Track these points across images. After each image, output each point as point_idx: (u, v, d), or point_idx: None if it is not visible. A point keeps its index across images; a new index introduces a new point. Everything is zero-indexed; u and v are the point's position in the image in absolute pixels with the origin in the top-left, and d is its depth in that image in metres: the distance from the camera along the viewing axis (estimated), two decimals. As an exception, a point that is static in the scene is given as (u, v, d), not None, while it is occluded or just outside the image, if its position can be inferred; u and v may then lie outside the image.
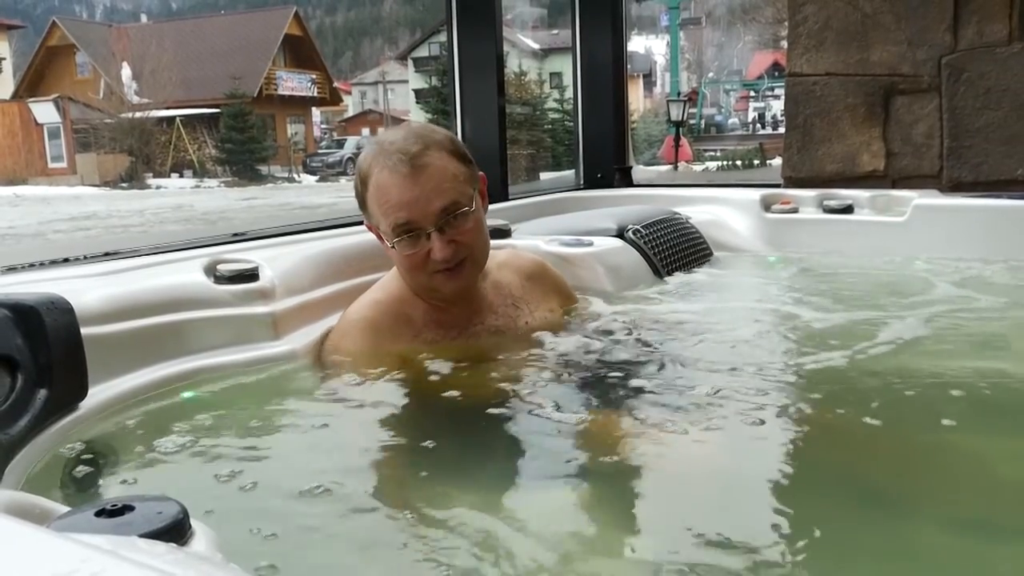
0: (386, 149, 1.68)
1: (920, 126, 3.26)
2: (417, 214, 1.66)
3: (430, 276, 1.72)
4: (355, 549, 1.04)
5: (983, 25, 3.14)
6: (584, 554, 1.05)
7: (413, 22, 67.40)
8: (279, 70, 33.06)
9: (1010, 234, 2.77)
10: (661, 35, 35.97)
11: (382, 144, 1.71)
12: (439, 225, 1.67)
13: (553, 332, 1.88)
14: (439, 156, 1.68)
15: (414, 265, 1.71)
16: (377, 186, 1.68)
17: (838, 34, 3.36)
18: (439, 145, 1.70)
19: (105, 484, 1.19)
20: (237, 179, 26.51)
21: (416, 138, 1.69)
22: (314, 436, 1.40)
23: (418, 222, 1.66)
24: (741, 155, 19.89)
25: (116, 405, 1.42)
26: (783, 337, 2.00)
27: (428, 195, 1.65)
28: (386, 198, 1.67)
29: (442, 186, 1.66)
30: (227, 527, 1.02)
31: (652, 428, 1.41)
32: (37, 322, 1.27)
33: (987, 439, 1.37)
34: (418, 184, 1.65)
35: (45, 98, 27.48)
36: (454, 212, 1.67)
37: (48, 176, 25.63)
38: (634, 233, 2.61)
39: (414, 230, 1.67)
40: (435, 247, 1.67)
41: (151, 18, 46.86)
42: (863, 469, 1.28)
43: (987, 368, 1.74)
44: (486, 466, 1.29)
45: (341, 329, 1.78)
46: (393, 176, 1.65)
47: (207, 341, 1.66)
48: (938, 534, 1.09)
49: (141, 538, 0.73)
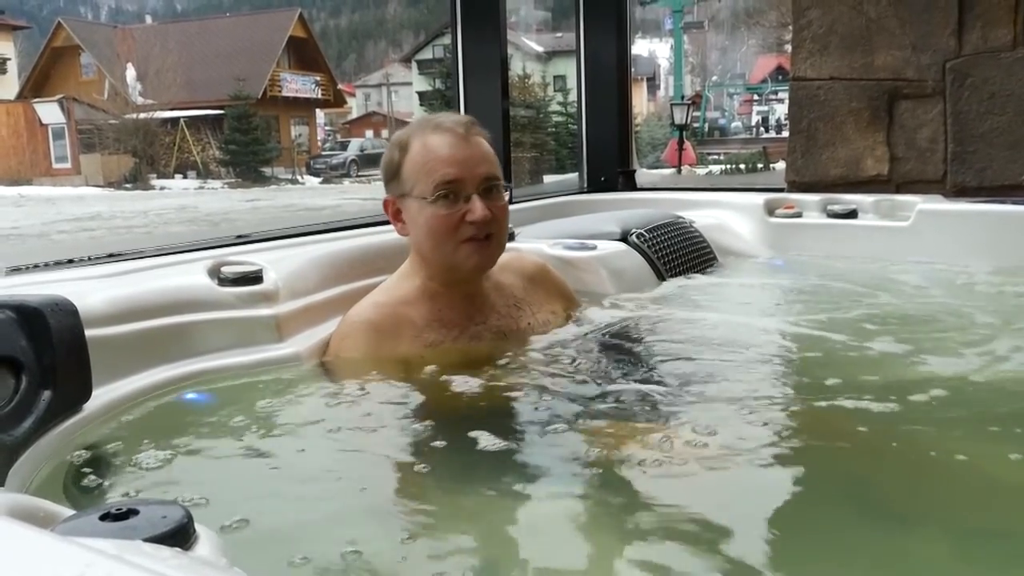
0: (437, 119, 1.81)
1: (924, 131, 3.26)
2: (465, 173, 1.74)
3: (457, 246, 1.75)
4: (356, 551, 1.04)
5: (987, 30, 3.14)
6: (585, 557, 1.05)
7: (417, 24, 67.52)
8: (283, 72, 33.10)
9: (1014, 239, 2.76)
10: (665, 38, 35.96)
11: (430, 118, 1.84)
12: (480, 190, 1.74)
13: (555, 334, 1.88)
14: (484, 137, 1.82)
15: (446, 229, 1.74)
16: (424, 146, 1.76)
17: (842, 38, 3.36)
18: (484, 133, 1.84)
19: (109, 487, 1.19)
20: (241, 180, 26.53)
21: (467, 117, 1.85)
22: (317, 439, 1.40)
23: (464, 181, 1.74)
24: (744, 159, 19.90)
25: (120, 407, 1.43)
26: (786, 342, 1.99)
27: (477, 158, 1.76)
28: (435, 155, 1.75)
29: (488, 157, 1.79)
30: (231, 531, 1.02)
31: (654, 431, 1.41)
32: (41, 323, 1.27)
33: (991, 446, 1.37)
34: (470, 147, 1.76)
35: (50, 99, 27.50)
36: (496, 183, 1.77)
37: (52, 176, 25.65)
38: (638, 237, 2.61)
39: (458, 190, 1.73)
40: (475, 206, 1.72)
41: (156, 19, 46.92)
42: (866, 476, 1.28)
43: (990, 374, 1.73)
44: (488, 468, 1.29)
45: (342, 332, 1.79)
46: (447, 136, 1.76)
47: (211, 343, 1.66)
48: (941, 542, 1.08)
49: (146, 542, 0.72)
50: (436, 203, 1.73)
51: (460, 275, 1.79)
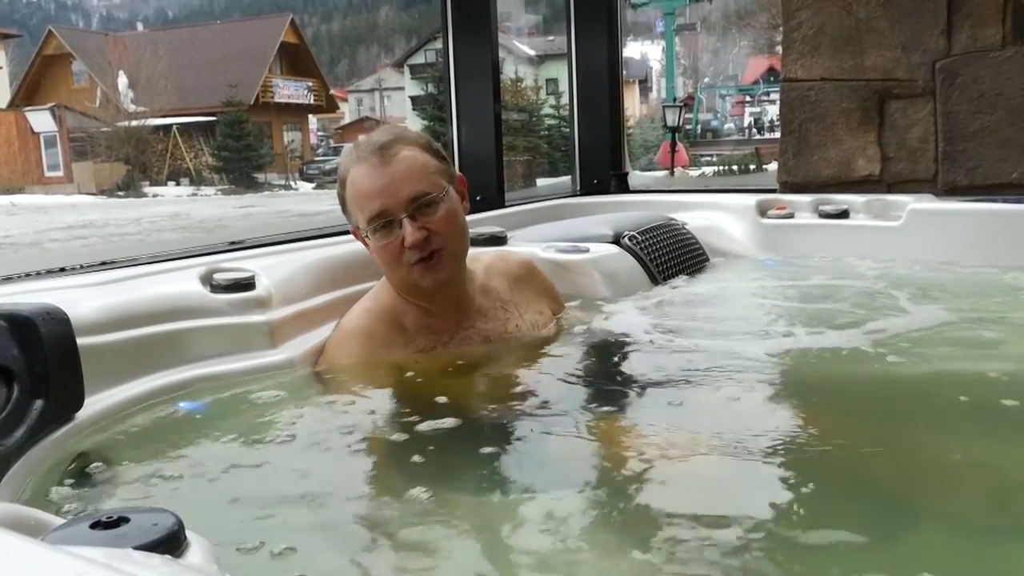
0: (359, 146, 1.76)
1: (915, 130, 3.27)
2: (387, 200, 1.70)
3: (408, 270, 1.74)
4: (352, 559, 1.03)
5: (976, 30, 3.15)
6: (581, 560, 1.05)
7: (409, 29, 67.50)
8: (275, 78, 33.08)
9: (1005, 237, 2.77)
10: (657, 41, 36.03)
11: (356, 144, 1.79)
12: (410, 212, 1.70)
13: (546, 336, 1.89)
14: (409, 148, 1.74)
15: (391, 257, 1.73)
16: (352, 182, 1.74)
17: (832, 39, 3.37)
18: (410, 140, 1.77)
19: (101, 495, 1.19)
20: (234, 187, 26.49)
21: (387, 134, 1.77)
22: (311, 446, 1.40)
23: (389, 210, 1.70)
24: (737, 160, 19.95)
25: (112, 415, 1.42)
26: (780, 342, 1.99)
27: (397, 183, 1.70)
28: (359, 190, 1.72)
29: (411, 174, 1.71)
30: (223, 538, 1.02)
31: (648, 432, 1.41)
32: (33, 332, 1.27)
33: (988, 443, 1.37)
34: (387, 172, 1.70)
35: (41, 107, 27.42)
36: (424, 199, 1.71)
37: (44, 185, 25.57)
38: (630, 239, 2.61)
39: (386, 219, 1.70)
40: (406, 232, 1.69)
41: (147, 27, 46.93)
42: (866, 474, 1.28)
43: (986, 372, 1.74)
44: (481, 473, 1.29)
45: (336, 339, 1.79)
46: (364, 167, 1.72)
47: (203, 350, 1.66)
48: (944, 538, 1.08)
49: (136, 550, 0.72)
50: (375, 236, 1.72)
51: (424, 292, 1.78)
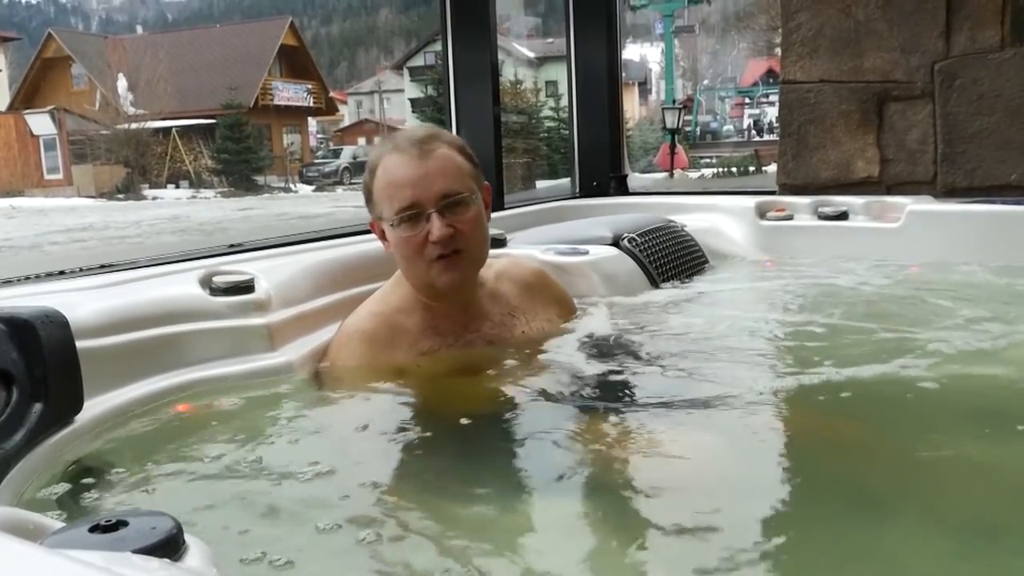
0: (396, 137, 1.79)
1: (914, 132, 3.27)
2: (420, 192, 1.70)
3: (428, 265, 1.73)
4: (352, 562, 1.03)
5: (975, 31, 3.15)
6: (583, 562, 1.05)
7: (408, 32, 67.58)
8: (275, 80, 33.11)
9: (1004, 239, 2.78)
10: (656, 43, 36.01)
11: (393, 136, 1.82)
12: (440, 207, 1.71)
13: (549, 341, 1.88)
14: (447, 147, 1.77)
15: (413, 250, 1.73)
16: (385, 169, 1.75)
17: (831, 41, 3.37)
18: (448, 140, 1.80)
19: (100, 499, 1.19)
20: (233, 189, 26.49)
21: (427, 131, 1.80)
22: (311, 449, 1.40)
23: (420, 201, 1.71)
24: (736, 162, 19.93)
25: (111, 419, 1.42)
26: (779, 345, 2.00)
27: (432, 176, 1.71)
28: (392, 179, 1.73)
29: (447, 171, 1.73)
30: (222, 541, 1.02)
31: (650, 436, 1.41)
32: (32, 336, 1.27)
33: (985, 445, 1.37)
34: (423, 165, 1.72)
35: (41, 110, 27.44)
36: (455, 198, 1.72)
37: (44, 188, 25.57)
38: (629, 241, 2.61)
39: (416, 210, 1.71)
40: (433, 226, 1.69)
41: (147, 29, 46.96)
42: (862, 476, 1.28)
43: (984, 374, 1.74)
44: (484, 477, 1.29)
45: (338, 342, 1.79)
46: (401, 157, 1.73)
47: (203, 353, 1.66)
48: (938, 540, 1.08)
49: (135, 554, 0.72)
50: (400, 226, 1.72)
51: (437, 292, 1.77)
